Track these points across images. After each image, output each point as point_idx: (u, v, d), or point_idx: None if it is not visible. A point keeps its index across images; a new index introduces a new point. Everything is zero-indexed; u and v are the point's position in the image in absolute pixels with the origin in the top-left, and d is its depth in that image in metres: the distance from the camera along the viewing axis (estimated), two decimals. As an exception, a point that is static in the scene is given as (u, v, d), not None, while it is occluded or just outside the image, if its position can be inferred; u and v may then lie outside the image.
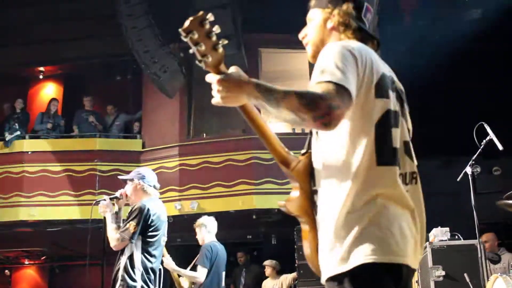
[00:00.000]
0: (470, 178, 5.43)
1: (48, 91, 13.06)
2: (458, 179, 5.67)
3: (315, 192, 2.00)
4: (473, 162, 5.47)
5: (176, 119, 11.00)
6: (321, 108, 1.72)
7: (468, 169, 5.46)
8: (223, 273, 6.46)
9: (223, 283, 6.44)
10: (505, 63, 8.70)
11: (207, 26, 1.76)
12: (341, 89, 1.77)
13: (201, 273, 6.09)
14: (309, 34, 2.22)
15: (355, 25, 2.11)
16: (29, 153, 10.92)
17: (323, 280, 1.94)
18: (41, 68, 12.71)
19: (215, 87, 1.84)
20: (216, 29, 1.77)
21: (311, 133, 2.13)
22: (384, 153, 1.89)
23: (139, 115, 11.69)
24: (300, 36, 2.26)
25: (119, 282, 4.29)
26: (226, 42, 1.81)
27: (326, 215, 1.91)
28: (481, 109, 7.90)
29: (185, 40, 1.76)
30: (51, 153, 10.93)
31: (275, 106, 1.76)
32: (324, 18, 2.16)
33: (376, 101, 1.91)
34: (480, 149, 5.47)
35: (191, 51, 1.78)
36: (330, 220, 1.88)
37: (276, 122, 12.42)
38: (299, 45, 2.29)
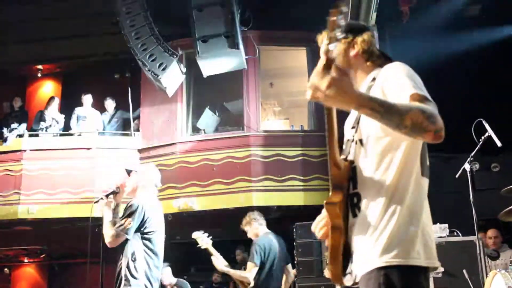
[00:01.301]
0: (468, 174, 5.43)
1: (47, 89, 13.05)
2: (456, 176, 5.68)
3: (356, 195, 2.17)
4: (471, 159, 5.48)
5: (175, 116, 11.00)
6: (439, 123, 1.94)
7: (467, 166, 5.47)
8: (283, 267, 6.19)
9: (283, 279, 6.15)
10: (504, 59, 8.70)
11: (343, 15, 1.89)
12: (436, 107, 2.01)
13: (249, 272, 5.84)
14: None
15: (378, 52, 2.36)
16: (28, 151, 10.92)
17: (365, 270, 2.08)
18: (40, 66, 12.68)
19: (323, 83, 1.88)
20: (343, 21, 1.90)
21: (353, 141, 2.28)
22: (424, 167, 2.18)
23: (137, 113, 11.68)
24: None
25: (123, 282, 4.28)
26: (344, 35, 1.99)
27: (378, 216, 2.10)
28: (479, 106, 7.90)
29: (331, 20, 1.88)
30: (50, 151, 10.94)
31: (397, 119, 1.90)
32: (345, 48, 2.34)
33: None
34: (478, 146, 5.47)
35: (331, 33, 1.88)
36: (384, 221, 2.08)
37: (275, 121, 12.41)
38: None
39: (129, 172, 4.74)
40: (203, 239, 6.04)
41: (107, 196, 4.63)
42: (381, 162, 2.14)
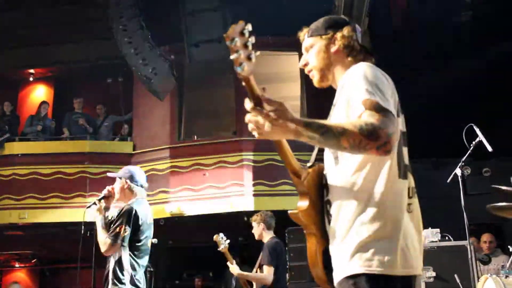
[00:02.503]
0: (460, 179, 5.45)
1: (39, 94, 13.01)
2: (448, 181, 5.70)
3: (328, 202, 2.12)
4: (463, 164, 5.50)
5: (167, 121, 10.99)
6: (382, 138, 1.84)
7: (458, 171, 5.48)
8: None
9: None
10: (494, 64, 8.75)
11: (246, 35, 1.84)
12: (389, 114, 1.90)
13: (268, 274, 5.81)
14: (311, 62, 2.36)
15: (359, 47, 2.29)
16: (19, 155, 10.88)
17: (339, 278, 2.04)
18: (32, 71, 12.65)
19: (259, 121, 1.88)
20: (252, 39, 1.84)
21: (319, 150, 2.25)
22: (402, 168, 2.05)
23: (128, 117, 11.66)
24: (300, 64, 2.40)
25: (110, 286, 4.27)
26: (258, 53, 1.88)
27: (348, 223, 2.02)
28: (470, 111, 7.94)
29: (229, 45, 1.82)
30: (41, 156, 10.89)
31: (334, 142, 1.88)
32: (326, 44, 2.31)
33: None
34: (469, 151, 5.49)
35: (231, 57, 1.83)
36: (355, 229, 2.00)
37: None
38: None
39: (113, 178, 4.71)
40: (222, 242, 6.10)
41: (99, 200, 4.61)
42: (349, 168, 2.06)
